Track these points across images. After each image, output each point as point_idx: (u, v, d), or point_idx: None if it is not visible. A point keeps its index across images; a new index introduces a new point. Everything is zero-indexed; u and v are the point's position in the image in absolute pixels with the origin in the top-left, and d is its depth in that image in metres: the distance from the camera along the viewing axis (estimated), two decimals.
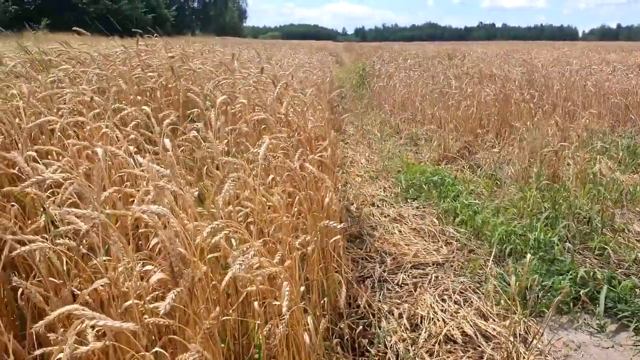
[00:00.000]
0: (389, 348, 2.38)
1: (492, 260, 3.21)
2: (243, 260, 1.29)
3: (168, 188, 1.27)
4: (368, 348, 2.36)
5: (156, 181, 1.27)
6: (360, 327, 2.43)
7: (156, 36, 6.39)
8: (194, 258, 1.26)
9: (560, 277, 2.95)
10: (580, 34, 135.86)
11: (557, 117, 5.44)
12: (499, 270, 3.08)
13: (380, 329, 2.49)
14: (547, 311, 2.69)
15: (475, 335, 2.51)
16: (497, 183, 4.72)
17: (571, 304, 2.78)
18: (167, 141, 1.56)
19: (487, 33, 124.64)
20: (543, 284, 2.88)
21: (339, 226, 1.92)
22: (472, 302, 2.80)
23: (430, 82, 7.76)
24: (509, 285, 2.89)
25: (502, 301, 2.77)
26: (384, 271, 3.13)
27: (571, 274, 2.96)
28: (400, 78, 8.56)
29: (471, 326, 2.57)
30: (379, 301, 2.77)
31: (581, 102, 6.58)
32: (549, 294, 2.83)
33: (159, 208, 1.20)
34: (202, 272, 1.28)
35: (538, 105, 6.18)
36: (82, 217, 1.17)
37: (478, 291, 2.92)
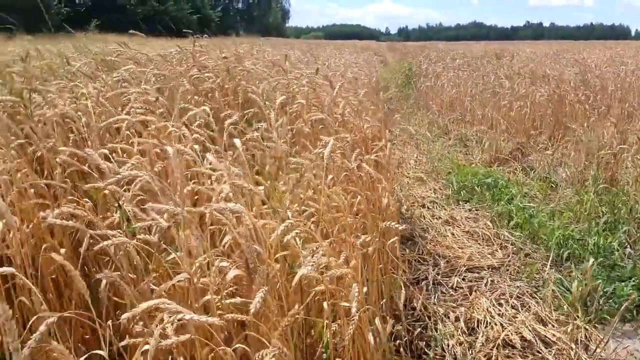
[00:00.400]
0: (446, 351, 2.36)
1: (550, 265, 3.14)
2: (315, 261, 1.30)
3: (245, 186, 1.29)
4: (426, 350, 2.35)
5: (232, 179, 1.29)
6: (418, 329, 2.42)
7: (206, 36, 6.48)
8: (268, 259, 1.27)
9: (622, 283, 2.87)
10: (633, 33, 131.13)
11: (613, 119, 5.28)
12: (557, 275, 3.01)
13: (437, 332, 2.47)
14: (609, 318, 2.61)
15: (535, 340, 2.46)
16: (551, 186, 4.61)
17: (635, 312, 2.70)
18: (237, 141, 1.59)
19: (534, 32, 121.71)
20: (604, 290, 2.80)
21: (400, 227, 1.91)
22: (529, 307, 2.75)
23: (480, 82, 7.63)
24: (568, 290, 2.83)
25: (561, 307, 2.71)
26: (438, 274, 3.10)
27: (634, 281, 2.87)
28: (449, 78, 8.46)
29: (530, 331, 2.52)
30: (434, 304, 2.75)
31: (638, 103, 6.36)
32: (610, 300, 2.76)
33: (236, 206, 1.23)
34: (277, 269, 1.29)
35: (593, 107, 6.01)
36: (164, 212, 1.20)
37: (535, 296, 2.86)
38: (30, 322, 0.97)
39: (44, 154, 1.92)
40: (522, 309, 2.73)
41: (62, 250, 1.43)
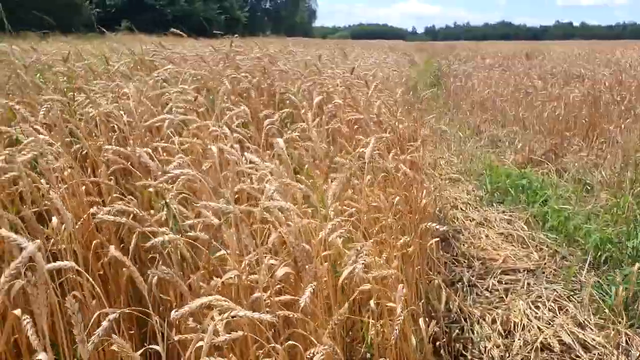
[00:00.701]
0: (484, 354, 2.35)
1: (587, 268, 3.09)
2: (363, 261, 1.30)
3: (294, 185, 1.30)
4: (463, 352, 2.33)
5: (280, 179, 1.30)
6: (456, 331, 2.41)
7: (236, 36, 6.53)
8: (317, 257, 1.28)
9: None
10: None
11: None
12: (596, 279, 2.96)
13: (474, 334, 2.46)
14: None
15: (574, 344, 2.42)
16: (586, 188, 4.53)
17: None
18: (280, 140, 1.60)
19: (564, 32, 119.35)
20: None
21: (441, 228, 1.91)
22: (567, 310, 2.71)
23: (512, 82, 7.54)
24: (607, 294, 2.79)
25: (601, 311, 2.66)
26: (472, 276, 3.08)
27: None
28: (480, 78, 8.38)
29: (568, 335, 2.49)
30: (470, 306, 2.73)
31: None
32: None
33: (287, 204, 1.24)
34: (325, 268, 1.30)
35: (628, 107, 5.90)
36: (215, 210, 1.22)
37: (573, 299, 2.82)
38: (93, 317, 0.99)
39: (89, 152, 1.96)
40: (559, 312, 2.69)
41: (112, 247, 1.45)
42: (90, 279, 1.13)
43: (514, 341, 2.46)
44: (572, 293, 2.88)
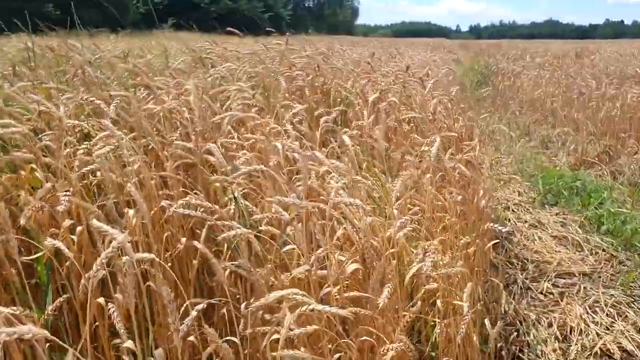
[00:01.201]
0: (541, 357, 2.31)
1: None
2: (432, 259, 1.30)
3: (363, 181, 1.31)
4: (519, 355, 2.30)
5: (351, 176, 1.32)
6: (513, 334, 2.38)
7: (288, 34, 6.57)
8: (386, 252, 1.29)
9: None
10: None
11: None
12: None
13: (530, 337, 2.42)
14: None
15: (636, 351, 2.36)
16: None
17: None
18: (346, 138, 1.62)
19: (615, 30, 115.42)
20: None
21: (504, 229, 1.88)
22: (627, 316, 2.64)
23: (563, 82, 7.36)
24: None
25: None
26: (527, 278, 3.03)
27: None
28: (530, 77, 8.20)
29: (629, 341, 2.43)
30: (525, 309, 2.69)
31: None
32: None
33: (356, 200, 1.25)
34: (394, 266, 1.31)
35: None
36: (288, 205, 1.24)
37: (633, 305, 2.74)
38: (182, 307, 1.03)
39: (156, 147, 2.01)
40: (618, 318, 2.63)
41: (183, 240, 1.49)
42: (170, 270, 1.17)
43: (571, 346, 2.41)
44: (631, 299, 2.81)
